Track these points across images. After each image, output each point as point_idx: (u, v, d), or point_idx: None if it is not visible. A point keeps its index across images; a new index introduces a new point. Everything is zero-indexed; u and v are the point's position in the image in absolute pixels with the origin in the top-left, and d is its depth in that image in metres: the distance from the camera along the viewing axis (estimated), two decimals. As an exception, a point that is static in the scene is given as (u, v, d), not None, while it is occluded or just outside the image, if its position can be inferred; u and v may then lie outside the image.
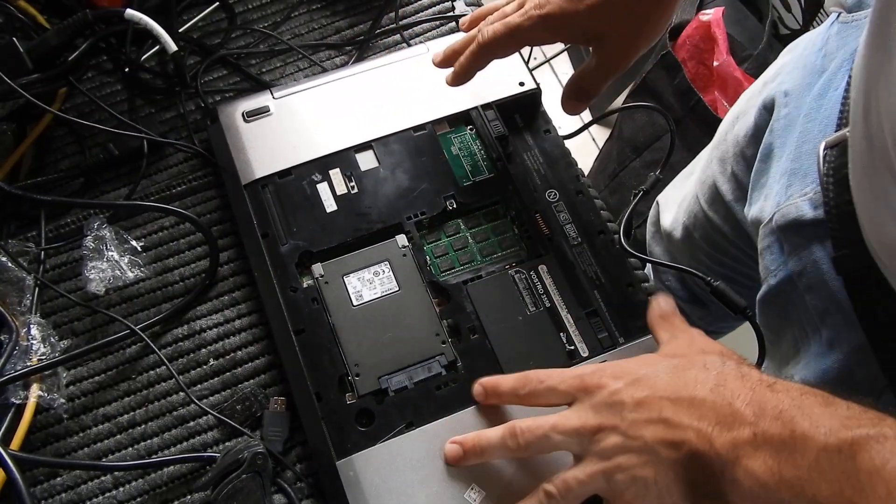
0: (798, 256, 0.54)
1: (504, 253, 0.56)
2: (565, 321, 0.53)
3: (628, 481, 0.41)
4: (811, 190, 0.52)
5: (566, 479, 0.43)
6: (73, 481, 0.50)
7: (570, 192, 0.58)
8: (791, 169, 0.55)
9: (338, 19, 0.68)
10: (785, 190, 0.55)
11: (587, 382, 0.44)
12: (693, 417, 0.40)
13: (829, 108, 0.53)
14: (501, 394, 0.48)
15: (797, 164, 0.55)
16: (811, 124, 0.55)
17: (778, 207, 0.55)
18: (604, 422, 0.42)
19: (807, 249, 0.53)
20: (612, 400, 0.43)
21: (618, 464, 0.41)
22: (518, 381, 0.47)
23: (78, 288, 0.56)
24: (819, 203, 0.51)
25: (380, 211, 0.56)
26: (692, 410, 0.40)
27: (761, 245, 0.58)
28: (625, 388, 0.43)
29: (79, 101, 0.62)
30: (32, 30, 0.59)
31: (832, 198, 0.49)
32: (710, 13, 1.06)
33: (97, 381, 0.53)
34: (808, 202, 0.52)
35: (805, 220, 0.52)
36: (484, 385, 0.49)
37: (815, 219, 0.52)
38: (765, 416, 0.38)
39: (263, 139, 0.59)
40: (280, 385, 0.53)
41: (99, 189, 0.60)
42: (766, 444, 0.37)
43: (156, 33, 0.56)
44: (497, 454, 0.46)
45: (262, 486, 0.48)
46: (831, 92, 0.54)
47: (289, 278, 0.54)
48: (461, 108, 0.60)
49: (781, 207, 0.55)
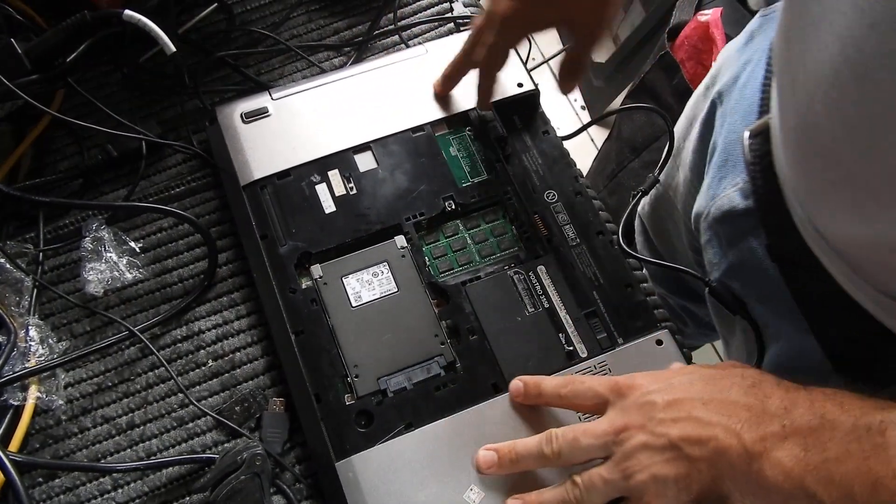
0: (737, 248, 0.54)
1: (503, 254, 0.56)
2: (564, 322, 0.53)
3: (648, 480, 0.41)
4: (741, 180, 0.53)
5: (591, 475, 0.43)
6: (72, 483, 0.50)
7: (569, 193, 0.58)
8: (722, 161, 0.56)
9: (336, 20, 0.68)
10: (719, 183, 0.56)
11: (621, 384, 0.44)
12: (723, 415, 0.40)
13: (751, 96, 0.54)
14: (543, 392, 0.48)
15: (727, 155, 0.55)
16: (736, 115, 0.55)
17: (713, 200, 0.56)
18: (630, 421, 0.42)
19: (743, 240, 0.53)
20: (643, 400, 0.43)
21: (638, 461, 0.41)
22: (561, 382, 0.47)
23: (76, 289, 0.56)
24: (749, 193, 0.51)
25: (378, 212, 0.56)
26: (723, 409, 0.40)
27: (703, 239, 0.59)
28: (657, 390, 0.43)
29: (77, 102, 0.62)
30: (31, 30, 0.59)
31: (760, 185, 0.49)
32: (709, 14, 1.06)
33: (96, 383, 0.53)
34: (738, 193, 0.53)
35: (737, 210, 0.53)
36: (526, 382, 0.49)
37: (746, 208, 0.52)
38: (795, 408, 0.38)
39: (262, 140, 0.59)
40: (279, 386, 0.53)
41: (98, 190, 0.60)
42: (795, 434, 0.37)
43: (154, 34, 0.56)
44: (532, 462, 0.46)
45: (261, 487, 0.48)
46: (752, 81, 0.54)
47: (288, 279, 0.54)
48: (460, 109, 0.60)
49: (716, 200, 0.55)
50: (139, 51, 0.63)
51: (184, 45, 0.64)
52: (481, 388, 0.50)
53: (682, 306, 0.88)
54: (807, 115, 0.41)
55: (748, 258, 0.53)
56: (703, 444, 0.40)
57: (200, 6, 0.66)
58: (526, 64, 0.63)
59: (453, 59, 0.59)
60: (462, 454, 0.48)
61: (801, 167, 0.45)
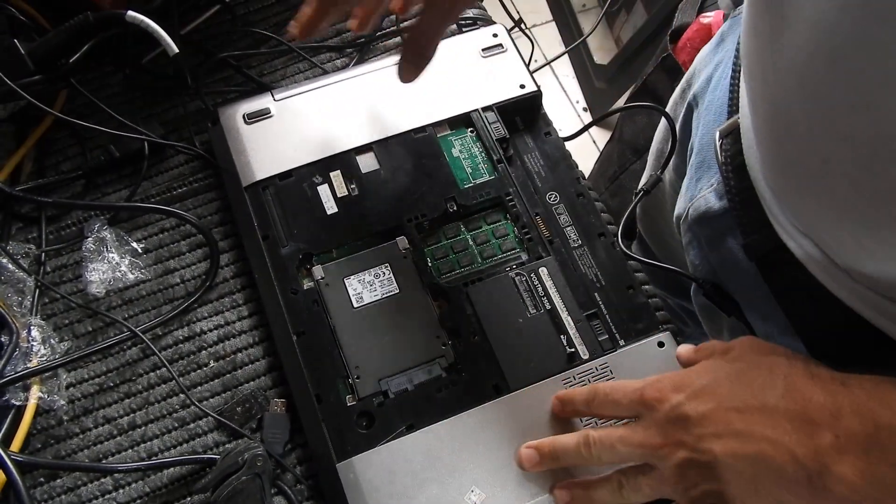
0: (717, 250, 0.54)
1: (504, 255, 0.56)
2: (566, 323, 0.53)
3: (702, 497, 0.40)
4: (716, 181, 0.52)
5: (639, 482, 0.43)
6: (74, 483, 0.50)
7: (571, 195, 0.58)
8: (698, 163, 0.55)
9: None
10: (696, 184, 0.55)
11: (646, 397, 0.43)
12: (766, 427, 0.38)
13: (720, 96, 0.53)
14: (576, 405, 0.48)
15: (703, 157, 0.55)
16: (710, 116, 0.55)
17: (691, 202, 0.55)
18: (667, 439, 0.41)
19: (722, 242, 0.53)
20: (674, 414, 0.41)
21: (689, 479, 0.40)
22: (588, 394, 0.47)
23: (78, 290, 0.56)
24: (723, 193, 0.51)
25: (380, 213, 0.56)
26: (764, 419, 0.39)
27: (684, 241, 0.59)
28: (686, 400, 0.41)
29: (80, 103, 0.62)
30: (34, 31, 0.59)
31: (733, 185, 0.49)
32: (711, 16, 1.06)
33: (97, 383, 0.53)
34: (713, 193, 0.53)
35: (714, 211, 0.52)
36: (560, 398, 0.49)
37: (722, 208, 0.52)
38: (843, 415, 0.37)
39: (264, 141, 0.59)
40: (280, 387, 0.53)
41: (100, 191, 0.60)
42: (851, 445, 0.36)
43: (157, 35, 0.56)
44: (571, 460, 0.46)
45: (262, 488, 0.47)
46: (722, 81, 0.54)
47: (289, 280, 0.54)
48: (461, 110, 0.60)
49: (693, 201, 0.55)
50: (142, 52, 0.63)
51: (186, 46, 0.64)
52: (483, 390, 0.50)
53: (681, 306, 0.88)
54: (780, 104, 0.40)
55: (728, 259, 0.52)
56: (753, 461, 0.38)
57: (203, 7, 0.66)
58: (528, 65, 0.63)
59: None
60: (463, 456, 0.48)
61: (775, 160, 0.44)
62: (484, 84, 0.61)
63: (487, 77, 0.62)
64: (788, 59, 0.38)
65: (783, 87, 0.39)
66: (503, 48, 0.63)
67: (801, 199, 0.43)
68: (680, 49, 1.11)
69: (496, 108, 0.60)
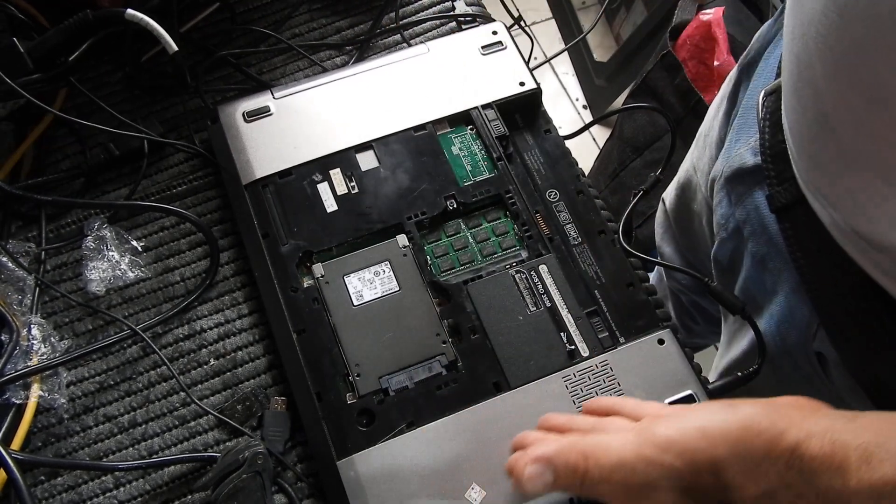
0: (743, 205, 0.56)
1: (504, 253, 0.56)
2: (566, 321, 0.53)
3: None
4: (753, 140, 0.54)
5: None
6: (74, 481, 0.50)
7: (571, 192, 0.58)
8: (740, 124, 0.58)
9: (338, 19, 0.68)
10: (734, 145, 0.58)
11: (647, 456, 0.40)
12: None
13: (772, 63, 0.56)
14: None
15: (744, 118, 0.58)
16: (757, 81, 0.58)
17: (727, 161, 0.58)
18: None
19: (750, 196, 0.55)
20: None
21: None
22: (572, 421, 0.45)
23: (78, 288, 0.56)
24: (758, 150, 0.53)
25: (380, 211, 0.56)
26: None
27: (714, 202, 0.61)
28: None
29: (79, 101, 0.62)
30: (33, 30, 0.59)
31: (767, 139, 0.51)
32: (711, 13, 1.06)
33: (98, 382, 0.53)
34: (750, 150, 0.55)
35: (747, 167, 0.55)
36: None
37: (755, 165, 0.54)
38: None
39: (264, 139, 0.59)
40: (281, 385, 0.53)
41: (99, 189, 0.61)
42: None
43: (156, 33, 0.56)
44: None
45: (262, 485, 0.48)
46: (776, 51, 0.57)
47: (289, 278, 0.54)
48: (461, 107, 0.60)
49: (729, 160, 0.58)
50: (141, 50, 0.63)
51: (186, 45, 0.64)
52: (483, 388, 0.50)
53: (692, 303, 0.89)
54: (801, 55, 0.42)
55: (752, 214, 0.55)
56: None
57: (202, 5, 0.66)
58: (528, 63, 0.63)
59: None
60: (463, 453, 0.48)
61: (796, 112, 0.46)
62: (484, 81, 0.61)
63: (487, 74, 0.62)
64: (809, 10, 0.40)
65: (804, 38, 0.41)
66: (503, 46, 0.63)
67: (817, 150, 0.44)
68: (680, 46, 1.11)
69: (496, 106, 0.60)
